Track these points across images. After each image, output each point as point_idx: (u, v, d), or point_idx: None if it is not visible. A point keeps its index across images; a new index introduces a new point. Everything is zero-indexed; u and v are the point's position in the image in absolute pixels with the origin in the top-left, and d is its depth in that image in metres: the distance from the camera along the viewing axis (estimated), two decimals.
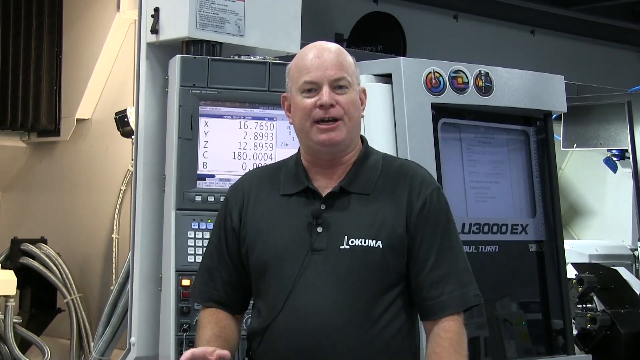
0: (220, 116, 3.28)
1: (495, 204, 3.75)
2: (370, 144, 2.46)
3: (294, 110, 2.34)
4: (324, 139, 2.28)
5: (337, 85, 2.29)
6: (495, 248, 3.68)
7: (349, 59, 2.35)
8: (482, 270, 3.34)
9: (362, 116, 2.38)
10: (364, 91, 2.39)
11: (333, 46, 2.35)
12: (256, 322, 2.34)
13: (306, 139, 2.33)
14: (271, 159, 3.29)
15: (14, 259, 4.54)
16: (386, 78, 3.49)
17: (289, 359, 2.26)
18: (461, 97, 3.58)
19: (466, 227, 3.61)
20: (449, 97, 3.54)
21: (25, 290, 4.57)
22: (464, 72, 3.59)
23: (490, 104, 3.67)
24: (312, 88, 2.29)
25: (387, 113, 3.43)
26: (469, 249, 3.55)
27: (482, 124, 3.76)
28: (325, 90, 2.28)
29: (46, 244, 4.63)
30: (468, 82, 3.59)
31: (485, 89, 3.64)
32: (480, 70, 3.64)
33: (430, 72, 3.50)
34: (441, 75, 3.53)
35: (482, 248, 3.65)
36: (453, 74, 3.56)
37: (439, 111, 3.54)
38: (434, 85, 3.50)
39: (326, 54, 2.31)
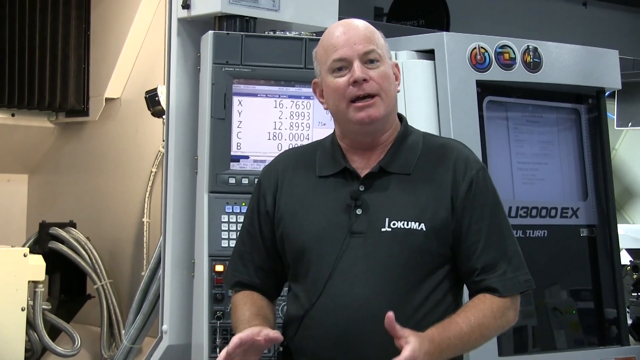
0: (255, 95, 3.29)
1: (544, 187, 3.73)
2: (411, 124, 2.45)
3: (326, 93, 2.34)
4: (362, 116, 2.27)
5: (368, 60, 2.29)
6: (544, 233, 3.66)
7: (377, 32, 2.35)
8: (530, 256, 3.29)
9: (398, 92, 2.37)
10: (396, 66, 2.39)
11: (359, 21, 2.35)
12: (293, 308, 2.35)
13: (344, 121, 2.32)
14: (307, 139, 3.29)
15: (43, 243, 4.60)
16: (428, 54, 3.47)
17: (328, 346, 2.27)
18: (508, 74, 3.55)
19: (513, 211, 3.59)
20: (495, 73, 3.51)
21: (54, 275, 4.63)
22: (511, 47, 3.56)
23: (539, 81, 3.63)
24: (342, 66, 2.29)
25: (429, 91, 3.41)
26: (516, 234, 3.50)
27: (530, 102, 3.73)
28: (357, 65, 2.27)
29: (75, 228, 4.68)
30: (515, 58, 3.56)
31: (534, 64, 3.61)
32: (528, 45, 3.60)
33: (475, 48, 3.48)
34: (487, 51, 3.50)
35: (530, 233, 3.62)
36: (499, 50, 3.53)
37: (484, 89, 3.52)
38: (479, 62, 3.48)
39: (352, 29, 2.31)
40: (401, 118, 2.43)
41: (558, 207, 3.71)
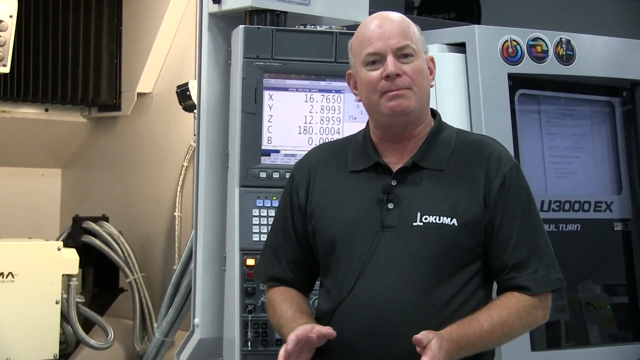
0: (285, 89, 3.29)
1: (577, 180, 3.70)
2: (442, 118, 2.44)
3: (359, 85, 2.34)
4: (392, 105, 2.27)
5: (402, 54, 2.28)
6: (577, 227, 3.63)
7: (413, 26, 2.34)
8: (563, 250, 3.30)
9: (432, 86, 2.37)
10: (432, 60, 2.38)
11: (394, 15, 2.34)
12: (325, 302, 2.36)
13: (375, 113, 2.32)
14: (338, 133, 3.29)
15: (76, 237, 4.64)
16: (459, 47, 3.45)
17: (358, 340, 2.27)
18: (540, 67, 3.52)
19: (545, 205, 3.56)
20: (527, 66, 3.49)
21: (87, 269, 4.68)
22: (543, 40, 3.53)
23: (571, 74, 3.60)
24: (376, 60, 2.29)
25: (460, 84, 3.40)
26: (549, 228, 3.51)
27: (562, 95, 3.70)
28: (390, 59, 2.27)
29: (108, 222, 4.72)
30: (548, 51, 3.53)
31: (567, 57, 3.58)
32: (561, 38, 3.57)
33: (507, 41, 3.46)
34: (518, 44, 3.48)
35: (562, 227, 3.60)
36: (531, 42, 3.51)
37: (516, 82, 3.50)
38: (510, 55, 3.46)
39: (387, 23, 2.30)
40: (435, 113, 2.42)
41: (591, 201, 3.68)
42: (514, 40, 3.47)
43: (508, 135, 3.38)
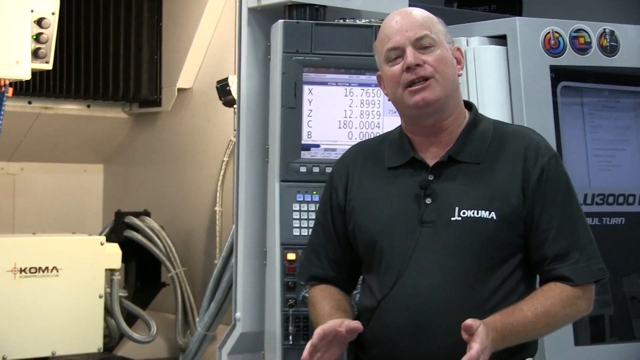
0: (325, 83, 3.29)
1: (620, 173, 3.66)
2: (483, 111, 2.43)
3: (385, 82, 2.35)
4: (417, 99, 2.27)
5: (422, 45, 2.28)
6: (621, 220, 3.59)
7: (433, 18, 2.34)
8: (606, 244, 3.25)
9: (459, 76, 2.36)
10: (458, 49, 2.38)
11: (412, 9, 2.36)
12: (366, 299, 2.36)
13: (402, 107, 2.33)
14: (378, 127, 3.28)
15: (119, 232, 4.69)
16: (500, 40, 3.43)
17: (399, 335, 2.27)
18: (583, 58, 3.49)
19: (589, 198, 3.53)
20: (570, 58, 3.45)
21: (130, 264, 4.72)
22: (586, 31, 3.50)
23: (615, 65, 3.56)
24: (397, 55, 2.30)
25: (501, 77, 3.38)
26: (592, 222, 3.48)
27: (606, 86, 3.66)
28: (409, 51, 2.28)
29: (150, 217, 4.76)
30: (591, 42, 3.50)
31: (610, 48, 3.54)
32: (604, 29, 3.53)
33: (549, 32, 3.43)
34: (561, 35, 3.45)
35: (606, 220, 3.56)
36: (574, 34, 3.47)
37: (559, 74, 3.47)
38: (552, 46, 3.43)
39: (404, 17, 2.32)
40: (471, 106, 2.41)
41: (636, 194, 3.64)
42: (556, 31, 3.44)
43: (550, 128, 3.36)
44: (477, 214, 2.26)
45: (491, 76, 3.36)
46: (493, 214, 2.25)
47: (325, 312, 2.35)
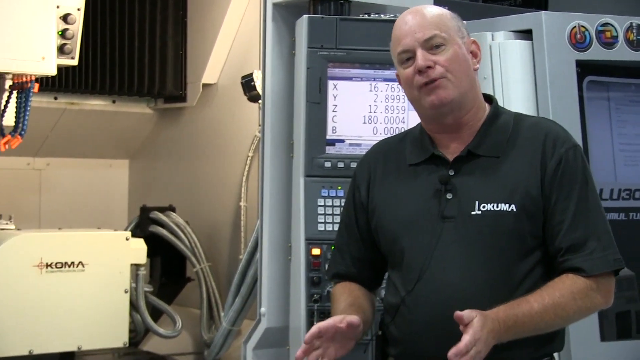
0: (350, 78, 3.30)
1: None
2: (508, 106, 2.43)
3: (401, 83, 2.36)
4: (432, 99, 2.27)
5: (432, 46, 2.27)
6: None
7: (443, 15, 2.32)
8: (632, 239, 3.25)
9: (475, 70, 2.34)
10: (474, 42, 2.35)
11: (422, 8, 2.33)
12: (391, 295, 2.37)
13: (420, 108, 2.33)
14: (403, 122, 3.28)
15: (144, 227, 4.72)
16: (526, 34, 3.42)
17: (423, 331, 2.27)
18: (609, 53, 3.47)
19: (615, 193, 3.51)
20: (596, 52, 3.43)
21: (155, 259, 4.75)
22: (612, 26, 3.47)
23: None
24: (408, 57, 2.29)
25: (527, 72, 3.37)
26: (618, 217, 3.46)
27: (633, 81, 3.64)
28: (419, 53, 2.27)
29: (175, 212, 4.78)
30: (617, 36, 3.48)
31: (637, 42, 3.51)
32: (631, 23, 3.51)
33: (575, 27, 3.41)
34: (587, 30, 3.43)
35: (632, 215, 3.54)
36: (600, 28, 3.45)
37: (585, 68, 3.45)
38: (578, 41, 3.41)
39: (413, 17, 2.30)
40: (491, 99, 2.40)
41: None
42: (582, 26, 3.42)
43: (576, 122, 3.34)
44: (497, 207, 2.25)
45: (517, 71, 3.35)
46: (513, 207, 2.25)
47: (340, 309, 2.35)
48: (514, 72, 3.33)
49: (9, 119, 4.12)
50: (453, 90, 2.27)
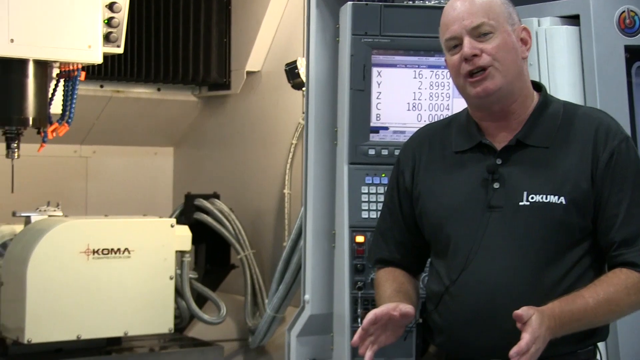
0: (394, 65, 3.30)
1: None
2: (555, 93, 2.41)
3: (449, 70, 2.35)
4: (478, 91, 2.26)
5: (479, 33, 2.25)
6: None
7: (493, 1, 2.29)
8: None
9: (524, 58, 2.32)
10: (524, 29, 2.33)
11: None
12: (434, 283, 2.36)
13: (466, 96, 2.32)
14: (448, 109, 3.28)
15: (188, 214, 4.76)
16: (573, 20, 3.38)
17: (467, 321, 2.27)
18: None
19: None
20: None
21: (199, 246, 4.79)
22: None
23: None
24: (455, 44, 2.28)
25: (573, 58, 3.33)
26: None
27: None
28: (466, 41, 2.25)
29: (219, 200, 4.82)
30: None
31: None
32: None
33: (624, 11, 3.37)
34: (636, 14, 3.38)
35: None
36: None
37: (634, 54, 3.40)
38: (627, 26, 3.37)
39: (461, 4, 2.28)
40: (540, 87, 2.38)
41: None
42: (631, 10, 3.38)
43: (624, 109, 3.30)
44: (546, 198, 2.24)
45: (563, 57, 3.32)
46: (562, 199, 2.23)
47: (386, 295, 2.36)
48: (560, 58, 3.30)
49: (56, 107, 4.19)
50: (499, 80, 2.25)
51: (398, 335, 2.26)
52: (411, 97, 3.30)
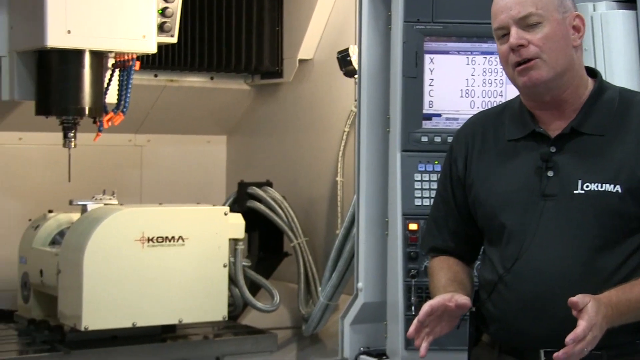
0: (446, 52, 3.29)
1: None
2: (611, 79, 2.39)
3: (499, 58, 2.34)
4: (524, 80, 2.25)
5: (527, 24, 2.24)
6: None
7: None
8: None
9: (575, 46, 2.28)
10: (578, 16, 2.30)
11: None
12: (488, 272, 2.36)
13: (516, 85, 2.31)
14: (501, 96, 3.26)
15: (242, 202, 4.79)
16: (630, 4, 3.34)
17: (521, 310, 2.26)
18: None
19: None
20: None
21: (253, 233, 4.82)
22: None
23: None
24: (504, 33, 2.27)
25: (630, 43, 3.28)
26: None
27: None
28: (513, 31, 2.24)
29: (272, 187, 4.84)
30: None
31: None
32: None
33: None
34: None
35: None
36: None
37: None
38: None
39: None
40: (595, 74, 2.36)
41: None
42: None
43: None
44: (602, 187, 2.22)
45: (620, 42, 3.27)
46: (618, 188, 2.21)
47: (441, 284, 2.36)
48: (616, 43, 3.26)
49: (112, 97, 4.25)
50: (547, 71, 2.23)
51: (453, 325, 2.27)
52: (464, 83, 3.29)
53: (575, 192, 2.24)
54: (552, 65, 2.24)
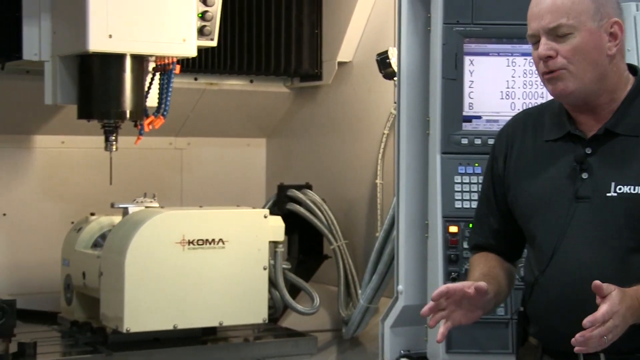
0: (486, 54, 3.29)
1: None
2: None
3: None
4: (551, 89, 2.25)
5: (557, 34, 2.21)
6: None
7: None
8: None
9: (610, 55, 2.22)
10: (615, 23, 2.23)
11: None
12: (527, 273, 2.37)
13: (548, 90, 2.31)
14: (542, 97, 3.25)
15: (281, 205, 4.81)
16: None
17: (556, 311, 2.26)
18: None
19: None
20: None
21: (292, 236, 4.84)
22: None
23: None
24: (536, 40, 2.25)
25: None
26: None
27: None
28: (542, 41, 2.22)
29: (311, 190, 4.86)
30: None
31: None
32: None
33: None
34: None
35: None
36: None
37: None
38: None
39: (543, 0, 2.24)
40: (636, 71, 2.32)
41: None
42: None
43: None
44: (634, 190, 2.19)
45: None
46: None
47: (474, 278, 2.35)
48: None
49: (152, 100, 4.29)
50: (573, 83, 2.21)
51: (474, 317, 2.25)
52: (504, 85, 3.28)
53: (608, 194, 2.21)
54: (580, 77, 2.21)
